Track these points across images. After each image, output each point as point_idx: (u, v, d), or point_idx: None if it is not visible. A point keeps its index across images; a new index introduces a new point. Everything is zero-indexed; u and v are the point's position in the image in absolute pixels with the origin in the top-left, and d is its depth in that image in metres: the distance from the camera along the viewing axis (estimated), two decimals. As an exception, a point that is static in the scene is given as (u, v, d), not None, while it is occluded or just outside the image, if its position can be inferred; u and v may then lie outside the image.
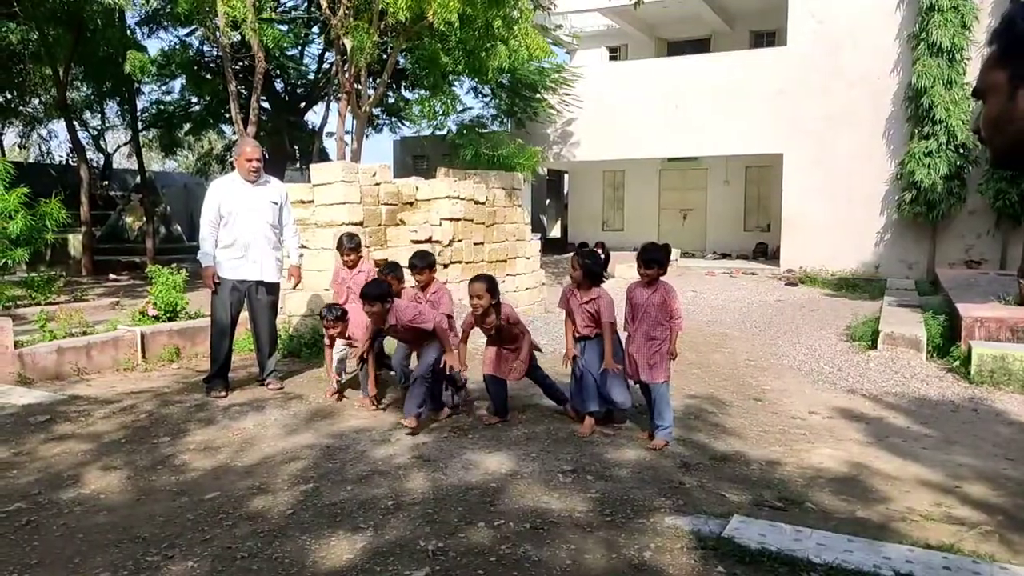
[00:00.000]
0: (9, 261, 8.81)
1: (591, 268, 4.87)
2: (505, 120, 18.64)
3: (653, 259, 4.69)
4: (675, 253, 18.13)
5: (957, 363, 6.84)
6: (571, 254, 5.23)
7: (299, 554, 3.08)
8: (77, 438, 4.66)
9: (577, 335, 4.93)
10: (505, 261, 10.47)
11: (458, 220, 9.46)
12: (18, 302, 8.90)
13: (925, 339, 7.41)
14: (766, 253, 19.10)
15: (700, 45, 20.36)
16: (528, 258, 11.15)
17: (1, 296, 8.55)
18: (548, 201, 24.08)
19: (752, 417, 5.30)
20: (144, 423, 4.99)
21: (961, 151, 14.44)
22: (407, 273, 5.79)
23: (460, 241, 9.54)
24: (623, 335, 4.91)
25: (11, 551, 3.15)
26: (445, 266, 9.22)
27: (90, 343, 6.49)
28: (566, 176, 24.05)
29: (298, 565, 2.98)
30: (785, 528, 3.25)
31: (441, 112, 14.94)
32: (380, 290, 4.81)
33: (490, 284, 4.92)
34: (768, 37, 19.91)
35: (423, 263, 5.61)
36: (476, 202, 9.95)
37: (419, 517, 3.44)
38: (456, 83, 16.12)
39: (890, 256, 15.57)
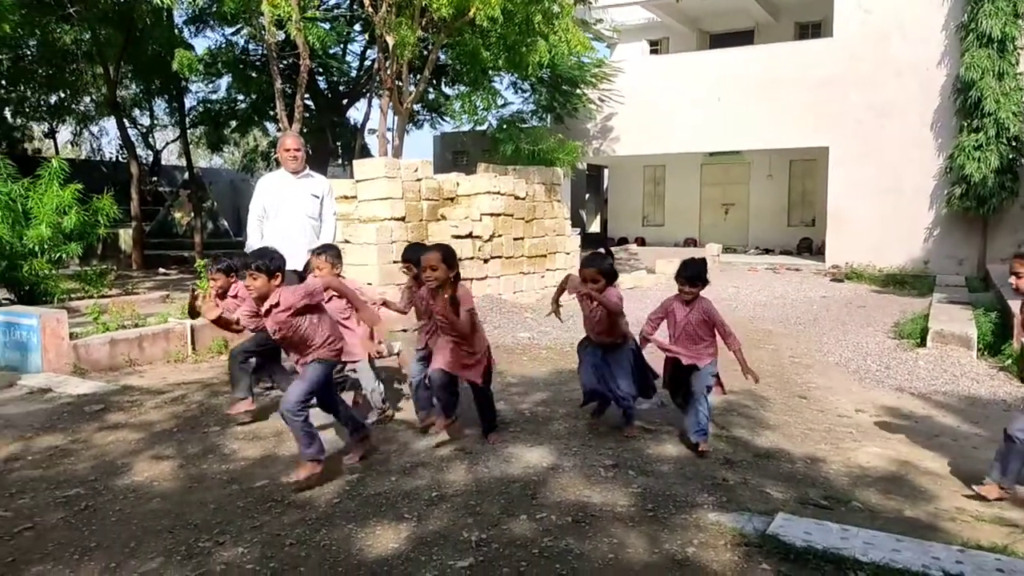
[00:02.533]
0: (63, 255, 9.10)
1: (608, 270, 4.49)
2: (544, 115, 18.61)
3: (697, 276, 4.44)
4: (716, 248, 17.93)
5: (1009, 361, 6.66)
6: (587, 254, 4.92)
7: (346, 542, 3.14)
8: (130, 427, 4.81)
9: (594, 340, 4.65)
10: (544, 256, 10.49)
11: (498, 215, 9.51)
12: (72, 295, 9.17)
13: (976, 337, 7.23)
14: (811, 249, 18.78)
15: (743, 37, 20.06)
16: (568, 253, 11.15)
17: (56, 289, 8.82)
18: (587, 196, 24.00)
19: (796, 414, 5.23)
20: (194, 413, 5.13)
21: (1014, 144, 14.02)
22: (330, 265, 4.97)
23: (500, 236, 9.57)
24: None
25: (71, 534, 3.27)
26: (485, 261, 9.27)
27: (142, 335, 6.67)
28: (606, 171, 23.94)
29: (345, 552, 3.04)
30: (831, 526, 3.21)
31: (481, 107, 14.99)
32: (270, 261, 3.75)
33: (447, 254, 4.19)
34: (813, 28, 19.55)
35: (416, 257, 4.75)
36: (516, 197, 9.98)
37: (461, 508, 3.47)
38: (496, 78, 16.16)
39: (939, 252, 15.19)
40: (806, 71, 16.29)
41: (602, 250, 4.53)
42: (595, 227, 24.66)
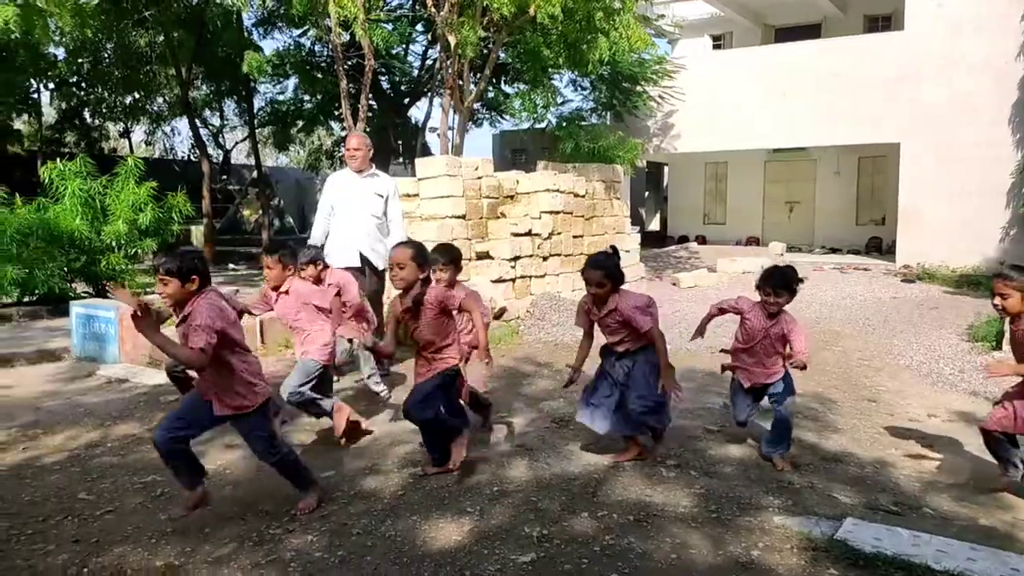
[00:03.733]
0: (139, 250, 9.49)
1: (614, 272, 3.93)
2: (604, 113, 18.51)
3: (784, 285, 3.98)
4: (780, 247, 17.55)
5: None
6: (669, 247, 4.58)
7: (410, 533, 3.20)
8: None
9: (611, 351, 4.10)
10: (604, 254, 10.45)
11: (558, 213, 9.50)
12: (147, 289, 9.54)
13: (1058, 341, 6.89)
14: (880, 248, 18.20)
15: (810, 31, 19.56)
16: (627, 251, 11.06)
17: (132, 283, 9.19)
18: (647, 194, 23.78)
19: (865, 418, 5.10)
20: (263, 404, 5.28)
21: (1101, 139, 13.32)
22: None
23: (559, 234, 9.57)
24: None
25: (148, 519, 3.41)
26: (544, 259, 9.28)
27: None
28: (666, 168, 23.66)
29: (409, 543, 3.10)
30: (902, 532, 3.12)
31: (541, 105, 14.99)
32: (182, 261, 3.15)
33: (418, 252, 3.70)
34: (883, 21, 18.92)
35: (445, 258, 4.42)
36: (576, 195, 9.97)
37: (522, 504, 3.50)
38: (556, 76, 16.15)
39: (1017, 252, 14.51)
40: (876, 65, 15.78)
41: (609, 248, 4.01)
42: (654, 225, 24.41)
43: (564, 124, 16.45)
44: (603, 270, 3.89)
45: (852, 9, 19.35)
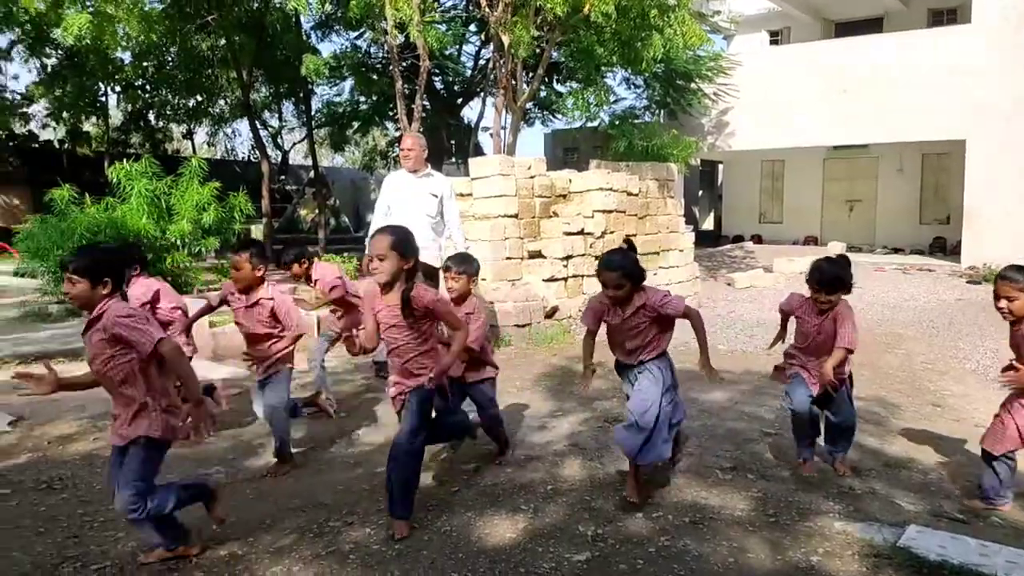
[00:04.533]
0: (202, 249, 9.77)
1: (633, 269, 3.50)
2: (657, 111, 18.33)
3: (837, 282, 3.67)
4: (840, 247, 17.11)
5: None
6: (722, 247, 4.16)
7: (465, 529, 3.23)
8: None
9: (627, 368, 3.74)
10: (658, 253, 10.35)
11: (611, 212, 9.45)
12: (210, 286, 9.83)
13: None
14: (944, 248, 17.61)
15: (871, 25, 19.03)
16: (681, 250, 10.95)
17: (196, 280, 9.48)
18: (701, 192, 23.47)
19: (929, 423, 4.95)
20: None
21: None
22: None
23: (612, 233, 9.52)
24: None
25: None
26: (597, 258, 9.25)
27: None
28: (720, 166, 23.32)
29: (464, 539, 3.14)
30: (969, 541, 3.03)
31: (594, 104, 14.92)
32: (91, 257, 2.80)
33: (399, 240, 3.14)
34: (948, 15, 18.29)
35: (459, 267, 4.03)
36: (629, 193, 9.90)
37: (577, 503, 3.51)
38: (609, 74, 16.05)
39: (1094, 253, 13.90)
40: (941, 60, 15.26)
41: (624, 244, 3.64)
42: (708, 224, 24.07)
43: (617, 122, 16.34)
44: (620, 270, 3.47)
45: (915, 2, 18.75)
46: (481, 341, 4.00)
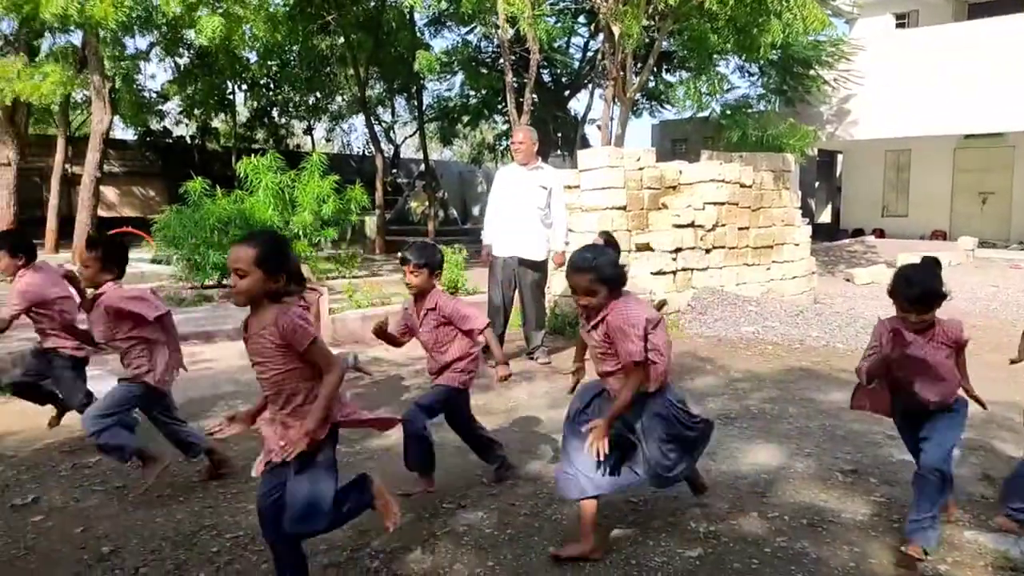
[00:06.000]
0: (321, 239, 10.24)
1: (608, 272, 2.82)
2: (772, 99, 17.71)
3: (929, 296, 2.86)
4: (971, 242, 16.02)
5: None
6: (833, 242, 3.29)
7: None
8: (381, 394, 5.33)
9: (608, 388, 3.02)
10: (771, 247, 10.02)
11: (722, 204, 9.23)
12: (328, 275, 10.28)
13: None
14: (1092, 244, 16.21)
15: (1009, 5, 17.66)
16: (797, 244, 10.55)
17: (315, 269, 9.93)
18: (817, 184, 22.49)
19: (1074, 432, 4.58)
20: (433, 386, 5.56)
21: None
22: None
23: (724, 226, 9.30)
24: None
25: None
26: (707, 251, 9.06)
27: (388, 313, 7.23)
28: (840, 156, 22.26)
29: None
30: (1121, 561, 2.81)
31: (706, 93, 14.59)
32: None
33: (265, 247, 2.42)
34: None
35: (418, 260, 3.54)
36: (742, 185, 9.63)
37: (687, 498, 3.47)
38: (721, 62, 15.63)
39: None
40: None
41: (600, 238, 3.02)
42: (825, 217, 23.06)
43: (729, 112, 15.91)
44: (591, 272, 2.78)
45: (1064, -23, 17.29)
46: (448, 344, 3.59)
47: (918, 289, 2.88)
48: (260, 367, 2.50)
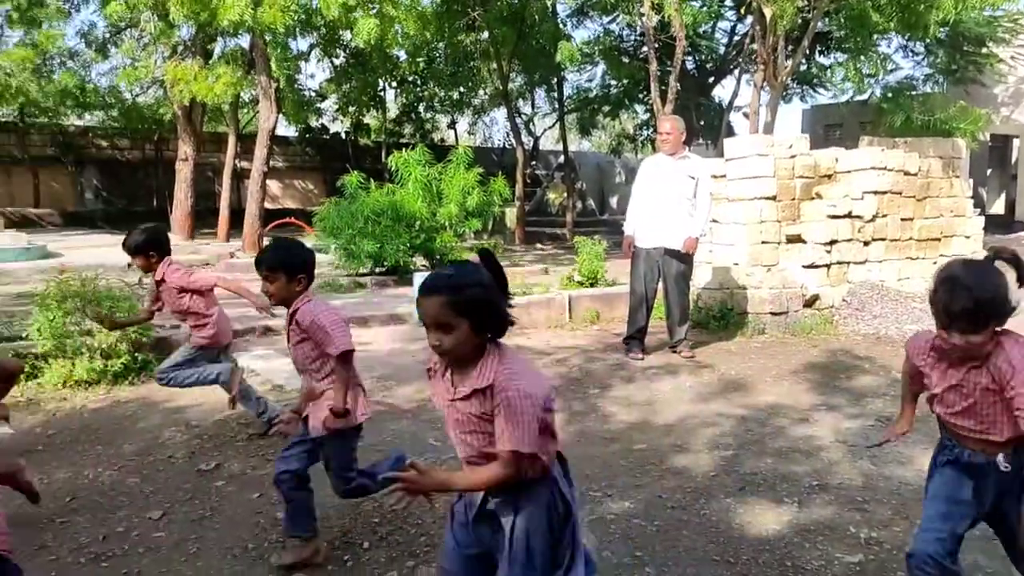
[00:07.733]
0: (465, 230, 10.54)
1: (478, 298, 1.88)
2: (940, 80, 16.38)
3: (981, 313, 1.97)
4: None
5: None
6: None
7: (725, 515, 3.21)
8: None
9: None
10: (939, 240, 9.32)
11: (883, 193, 8.67)
12: (473, 265, 10.56)
13: None
14: None
15: None
16: (967, 237, 9.75)
17: (461, 258, 10.25)
18: (990, 171, 20.64)
19: None
20: (576, 375, 5.61)
21: None
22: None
23: (884, 216, 8.73)
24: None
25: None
26: (866, 244, 8.55)
27: (529, 302, 7.47)
28: (1015, 142, 20.28)
29: (725, 524, 3.12)
30: None
31: (868, 74, 13.71)
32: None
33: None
34: None
35: (270, 263, 2.93)
36: (906, 173, 9.00)
37: (846, 502, 3.32)
38: (882, 42, 14.63)
39: None
40: None
41: (476, 257, 1.97)
42: (998, 207, 21.11)
43: (890, 95, 14.87)
44: (444, 295, 1.86)
45: None
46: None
47: (964, 297, 1.97)
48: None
